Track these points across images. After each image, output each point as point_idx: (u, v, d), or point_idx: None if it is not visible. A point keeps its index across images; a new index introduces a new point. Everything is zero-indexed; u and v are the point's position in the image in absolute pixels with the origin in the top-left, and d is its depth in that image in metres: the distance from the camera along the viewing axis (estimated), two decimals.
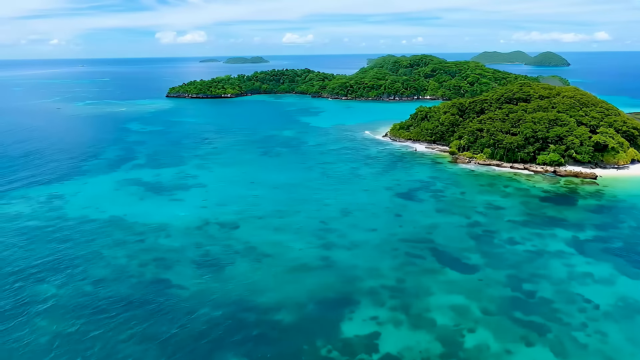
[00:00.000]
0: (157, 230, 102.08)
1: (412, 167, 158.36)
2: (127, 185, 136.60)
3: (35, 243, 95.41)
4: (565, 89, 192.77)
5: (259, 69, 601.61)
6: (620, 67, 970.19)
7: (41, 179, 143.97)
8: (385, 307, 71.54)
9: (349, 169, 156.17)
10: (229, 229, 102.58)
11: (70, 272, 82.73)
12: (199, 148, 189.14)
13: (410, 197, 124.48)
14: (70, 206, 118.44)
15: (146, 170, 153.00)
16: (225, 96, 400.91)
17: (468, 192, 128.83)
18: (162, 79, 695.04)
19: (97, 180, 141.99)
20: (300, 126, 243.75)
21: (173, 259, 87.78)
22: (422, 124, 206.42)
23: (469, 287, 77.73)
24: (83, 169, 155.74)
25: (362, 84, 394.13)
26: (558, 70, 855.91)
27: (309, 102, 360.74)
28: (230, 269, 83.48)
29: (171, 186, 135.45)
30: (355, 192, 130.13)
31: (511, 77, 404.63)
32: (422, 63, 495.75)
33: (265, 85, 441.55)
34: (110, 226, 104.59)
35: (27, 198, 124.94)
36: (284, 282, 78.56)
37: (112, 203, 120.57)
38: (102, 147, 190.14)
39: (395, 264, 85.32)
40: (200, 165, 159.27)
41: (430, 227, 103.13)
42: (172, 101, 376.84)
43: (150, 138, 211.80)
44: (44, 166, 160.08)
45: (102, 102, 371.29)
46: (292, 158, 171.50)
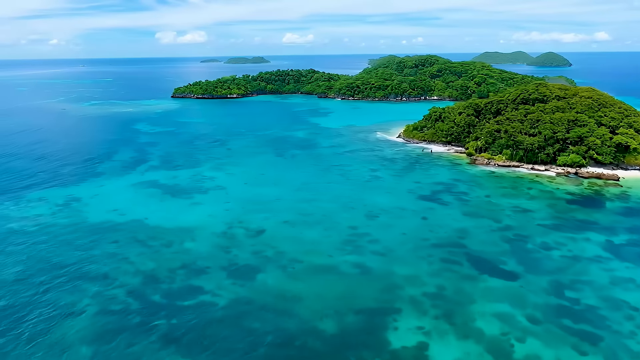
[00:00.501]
0: (182, 234, 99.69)
1: (431, 169, 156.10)
2: (145, 188, 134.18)
3: (60, 248, 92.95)
4: (582, 89, 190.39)
5: (261, 69, 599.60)
6: (623, 68, 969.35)
7: (57, 180, 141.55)
8: (429, 315, 69.24)
9: (367, 170, 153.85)
10: (255, 233, 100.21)
11: (101, 279, 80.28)
12: (212, 149, 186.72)
13: (435, 200, 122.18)
14: (89, 209, 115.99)
15: (162, 172, 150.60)
16: (230, 97, 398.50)
17: (492, 195, 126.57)
18: (165, 79, 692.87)
19: (114, 182, 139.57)
20: (311, 127, 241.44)
21: (202, 265, 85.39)
22: (437, 125, 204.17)
23: (511, 294, 75.46)
24: (98, 170, 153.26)
25: (369, 84, 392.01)
26: (560, 70, 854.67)
27: (316, 103, 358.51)
28: (263, 276, 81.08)
29: (189, 188, 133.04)
30: (377, 194, 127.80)
31: (518, 78, 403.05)
32: (427, 63, 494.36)
33: (270, 86, 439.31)
34: (134, 230, 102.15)
35: (45, 200, 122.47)
36: (320, 290, 76.19)
37: (132, 206, 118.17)
38: (114, 149, 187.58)
39: (432, 270, 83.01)
40: (216, 167, 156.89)
41: (461, 231, 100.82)
42: (178, 102, 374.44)
43: (162, 139, 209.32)
44: (58, 168, 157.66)
45: (107, 103, 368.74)
46: (308, 160, 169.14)
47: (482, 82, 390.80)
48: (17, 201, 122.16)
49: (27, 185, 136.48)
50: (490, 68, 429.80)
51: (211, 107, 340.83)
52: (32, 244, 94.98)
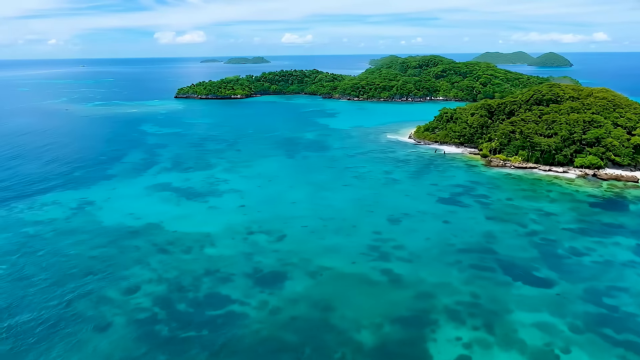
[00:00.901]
0: (201, 239, 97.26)
1: (447, 171, 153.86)
2: (158, 191, 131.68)
3: (79, 255, 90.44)
4: (595, 90, 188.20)
5: (261, 69, 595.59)
6: (624, 68, 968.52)
7: (69, 183, 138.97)
8: (467, 326, 66.92)
9: (382, 172, 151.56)
10: (276, 238, 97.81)
11: (124, 287, 77.83)
12: (222, 151, 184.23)
13: (455, 203, 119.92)
14: (104, 213, 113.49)
15: (174, 175, 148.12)
16: (235, 97, 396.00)
17: (513, 197, 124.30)
18: (166, 79, 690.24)
19: (126, 185, 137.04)
20: (320, 128, 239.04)
21: (226, 272, 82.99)
22: (449, 126, 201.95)
23: (548, 302, 73.21)
24: (109, 173, 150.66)
25: (374, 84, 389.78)
26: (561, 70, 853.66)
27: (321, 103, 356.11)
28: (290, 283, 78.70)
29: (204, 191, 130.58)
30: (396, 197, 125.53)
31: (524, 78, 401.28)
32: (430, 64, 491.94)
33: (274, 86, 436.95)
34: (151, 235, 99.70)
35: (58, 204, 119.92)
36: (352, 298, 73.84)
37: (147, 210, 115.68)
38: (123, 150, 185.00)
39: (463, 277, 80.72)
40: (229, 169, 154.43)
41: (487, 235, 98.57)
42: (181, 102, 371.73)
43: (170, 140, 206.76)
44: (69, 170, 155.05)
45: (111, 103, 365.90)
46: (320, 162, 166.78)
47: (487, 82, 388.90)
48: (31, 205, 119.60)
49: (40, 188, 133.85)
50: (495, 68, 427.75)
51: (216, 107, 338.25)
52: (49, 251, 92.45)
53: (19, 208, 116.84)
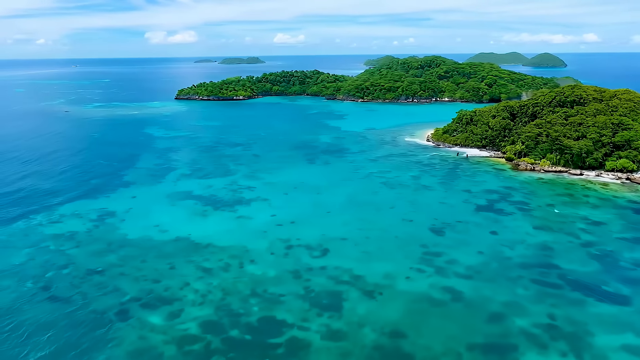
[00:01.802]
0: (238, 254, 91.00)
1: (476, 175, 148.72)
2: (181, 199, 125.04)
3: (108, 273, 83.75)
4: (619, 91, 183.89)
5: (257, 70, 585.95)
6: (619, 68, 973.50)
7: (85, 191, 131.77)
8: (553, 351, 61.46)
9: (409, 178, 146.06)
10: (320, 253, 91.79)
11: (166, 311, 71.40)
12: (238, 156, 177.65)
13: (496, 211, 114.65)
14: (127, 225, 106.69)
15: (194, 182, 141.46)
16: (237, 98, 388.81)
17: (553, 204, 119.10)
18: (163, 80, 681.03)
19: (146, 193, 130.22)
20: (332, 131, 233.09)
21: (275, 292, 76.83)
22: (469, 129, 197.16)
23: (630, 321, 68.01)
24: (125, 179, 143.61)
25: (378, 85, 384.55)
26: (556, 71, 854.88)
27: (327, 105, 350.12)
28: (349, 305, 72.74)
29: (229, 200, 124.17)
30: (431, 205, 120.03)
31: (528, 79, 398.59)
32: (433, 64, 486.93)
33: (275, 87, 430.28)
34: (183, 250, 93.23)
35: (77, 215, 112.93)
36: (420, 322, 68.02)
37: (173, 221, 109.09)
38: (135, 155, 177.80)
39: (531, 295, 75.28)
40: (250, 175, 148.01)
41: (541, 247, 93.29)
42: (183, 103, 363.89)
43: (181, 144, 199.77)
44: (83, 177, 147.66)
45: (110, 105, 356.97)
46: (343, 166, 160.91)
47: (492, 83, 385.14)
48: (49, 215, 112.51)
49: (57, 197, 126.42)
50: (499, 69, 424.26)
51: (220, 109, 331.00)
52: (75, 269, 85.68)
53: (37, 220, 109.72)
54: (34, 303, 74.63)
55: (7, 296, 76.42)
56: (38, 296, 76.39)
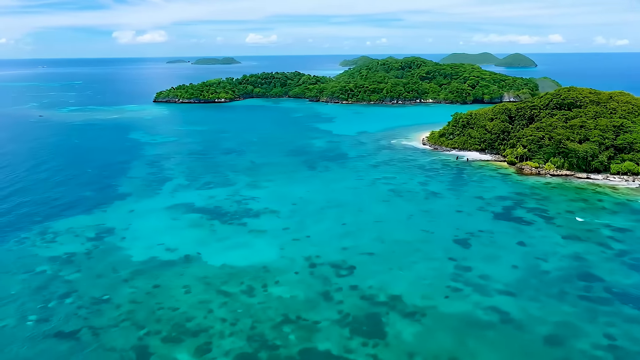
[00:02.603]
0: (259, 275, 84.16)
1: (483, 181, 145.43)
2: (183, 213, 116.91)
3: (114, 299, 75.68)
4: (614, 94, 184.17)
5: (233, 70, 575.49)
6: (585, 68, 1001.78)
7: (79, 206, 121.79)
8: None
9: (416, 184, 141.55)
10: (346, 270, 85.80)
11: (194, 345, 64.09)
12: (233, 162, 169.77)
13: (515, 219, 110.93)
14: (129, 244, 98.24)
15: (194, 192, 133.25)
16: (219, 101, 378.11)
17: (572, 211, 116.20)
18: (137, 81, 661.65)
19: (144, 207, 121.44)
20: (325, 135, 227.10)
21: (309, 318, 70.41)
22: (467, 132, 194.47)
23: None
24: (119, 191, 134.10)
25: (362, 87, 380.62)
26: (528, 71, 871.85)
27: (312, 107, 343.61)
28: (392, 331, 66.94)
29: (236, 213, 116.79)
30: (447, 214, 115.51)
31: (510, 80, 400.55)
32: (414, 65, 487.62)
33: (257, 89, 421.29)
34: (197, 271, 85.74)
35: (73, 233, 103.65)
36: (475, 348, 62.85)
37: (178, 238, 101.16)
38: (124, 164, 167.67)
39: (581, 312, 71.12)
40: (252, 185, 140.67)
41: (576, 259, 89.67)
42: (163, 107, 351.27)
43: (171, 150, 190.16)
44: (74, 189, 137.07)
45: (87, 109, 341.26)
46: (346, 173, 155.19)
47: (475, 84, 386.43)
48: (43, 234, 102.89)
49: (48, 213, 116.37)
50: (480, 70, 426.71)
51: (203, 112, 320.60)
52: (79, 298, 77.27)
53: (30, 240, 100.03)
54: (38, 341, 66.20)
55: (6, 334, 67.67)
56: (41, 333, 67.83)
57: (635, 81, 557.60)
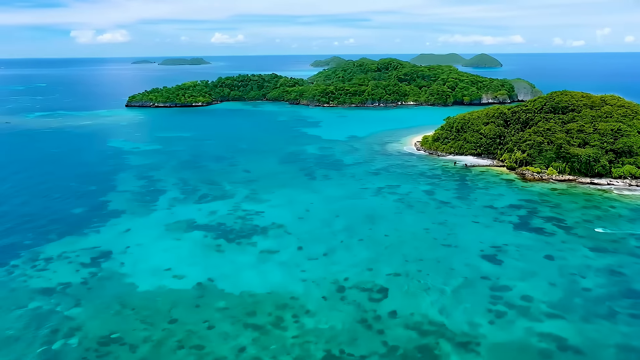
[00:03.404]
0: (286, 303, 77.01)
1: (489, 188, 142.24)
2: (184, 231, 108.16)
3: (124, 339, 67.16)
4: (606, 97, 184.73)
5: (202, 71, 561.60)
6: (547, 68, 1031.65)
7: (68, 226, 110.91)
8: None
9: (422, 193, 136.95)
10: (378, 294, 79.67)
11: None
12: (228, 172, 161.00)
13: (535, 230, 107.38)
14: (130, 271, 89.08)
15: (192, 207, 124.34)
16: (196, 105, 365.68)
17: (590, 220, 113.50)
18: (105, 83, 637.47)
19: (140, 225, 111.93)
20: (315, 140, 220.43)
21: (355, 353, 63.88)
22: (462, 136, 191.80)
23: None
24: (110, 208, 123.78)
25: (344, 90, 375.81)
26: (494, 71, 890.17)
27: (293, 111, 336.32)
28: None
29: (242, 230, 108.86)
30: (464, 225, 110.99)
31: (487, 81, 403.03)
32: (390, 67, 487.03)
33: (234, 92, 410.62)
34: (216, 301, 77.85)
35: (66, 259, 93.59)
36: None
37: (184, 262, 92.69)
38: (110, 175, 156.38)
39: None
40: (253, 197, 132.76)
41: (612, 272, 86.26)
42: (137, 112, 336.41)
43: (158, 160, 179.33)
44: (60, 207, 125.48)
45: (56, 114, 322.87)
46: (347, 182, 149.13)
47: (455, 86, 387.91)
48: (33, 261, 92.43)
49: (33, 234, 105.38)
50: (457, 72, 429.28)
51: (182, 117, 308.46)
52: (86, 340, 68.26)
53: (20, 268, 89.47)
54: None
55: None
56: None
57: (594, 80, 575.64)
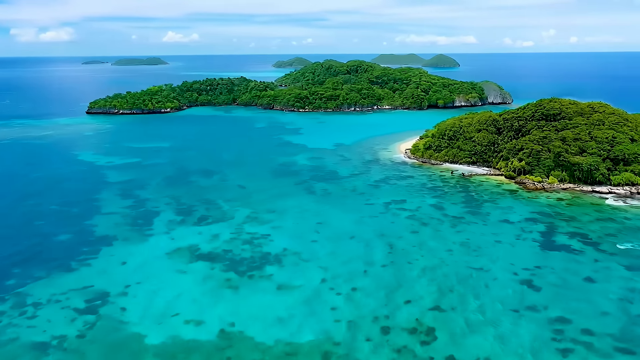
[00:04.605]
0: (331, 351, 68.13)
1: (496, 200, 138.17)
2: (188, 262, 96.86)
3: None
4: (594, 104, 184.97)
5: (160, 72, 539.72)
6: (507, 68, 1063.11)
7: (55, 260, 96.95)
8: None
9: (431, 208, 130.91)
10: (427, 336, 71.93)
11: None
12: (220, 188, 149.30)
13: (565, 249, 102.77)
14: (134, 318, 77.01)
15: (191, 231, 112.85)
16: (164, 111, 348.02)
17: (614, 234, 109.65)
18: (59, 87, 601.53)
19: (137, 256, 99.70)
20: (301, 150, 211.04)
21: None
22: (456, 144, 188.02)
23: None
24: (99, 234, 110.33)
25: (318, 94, 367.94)
26: (452, 71, 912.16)
27: (270, 117, 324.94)
28: None
29: (252, 259, 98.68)
30: (489, 246, 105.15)
31: (457, 84, 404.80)
32: (360, 69, 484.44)
33: (203, 97, 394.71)
34: (248, 356, 68.01)
35: (57, 303, 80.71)
36: None
37: (196, 303, 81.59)
38: (91, 194, 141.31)
39: None
40: (255, 218, 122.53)
41: None
42: (101, 119, 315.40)
43: (140, 175, 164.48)
44: (41, 233, 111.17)
45: (12, 123, 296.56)
46: (350, 197, 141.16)
47: (428, 89, 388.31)
48: (20, 307, 79.19)
49: (20, 272, 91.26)
50: (428, 75, 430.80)
51: (153, 126, 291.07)
52: None
53: (6, 316, 76.24)
54: None
55: None
56: None
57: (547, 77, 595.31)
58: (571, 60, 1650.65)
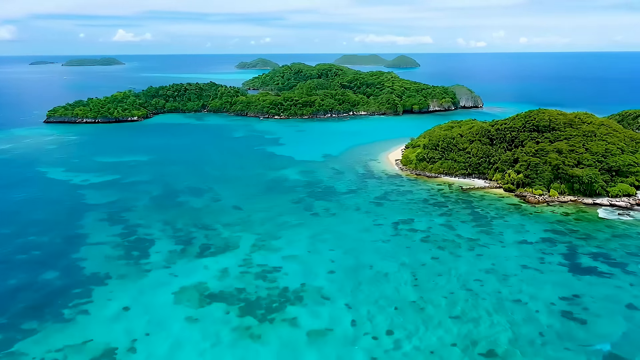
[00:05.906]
0: None
1: (504, 217, 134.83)
2: (198, 306, 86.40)
3: None
4: (580, 115, 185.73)
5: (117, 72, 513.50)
6: (465, 69, 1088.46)
7: (44, 307, 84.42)
8: None
9: (443, 229, 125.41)
10: None
11: None
12: (216, 210, 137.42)
13: (593, 272, 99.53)
14: None
15: (195, 265, 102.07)
16: (132, 120, 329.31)
17: (634, 252, 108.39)
18: (9, 91, 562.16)
19: (139, 298, 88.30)
20: (289, 162, 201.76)
21: None
22: (450, 156, 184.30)
23: None
24: (90, 272, 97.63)
25: (293, 100, 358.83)
26: (413, 72, 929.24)
27: (246, 124, 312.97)
28: None
29: (269, 298, 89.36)
30: (516, 272, 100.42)
31: (430, 89, 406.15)
32: (330, 73, 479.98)
33: (170, 103, 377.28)
34: None
35: None
36: None
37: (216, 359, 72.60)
38: (74, 222, 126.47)
39: None
40: (261, 246, 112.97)
41: None
42: (63, 129, 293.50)
43: (124, 196, 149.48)
44: (25, 274, 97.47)
45: None
46: (355, 217, 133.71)
47: (402, 94, 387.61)
48: None
49: (8, 325, 78.54)
50: (400, 79, 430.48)
51: (123, 136, 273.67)
52: None
53: None
54: None
55: None
56: None
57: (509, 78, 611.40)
58: (525, 60, 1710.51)
